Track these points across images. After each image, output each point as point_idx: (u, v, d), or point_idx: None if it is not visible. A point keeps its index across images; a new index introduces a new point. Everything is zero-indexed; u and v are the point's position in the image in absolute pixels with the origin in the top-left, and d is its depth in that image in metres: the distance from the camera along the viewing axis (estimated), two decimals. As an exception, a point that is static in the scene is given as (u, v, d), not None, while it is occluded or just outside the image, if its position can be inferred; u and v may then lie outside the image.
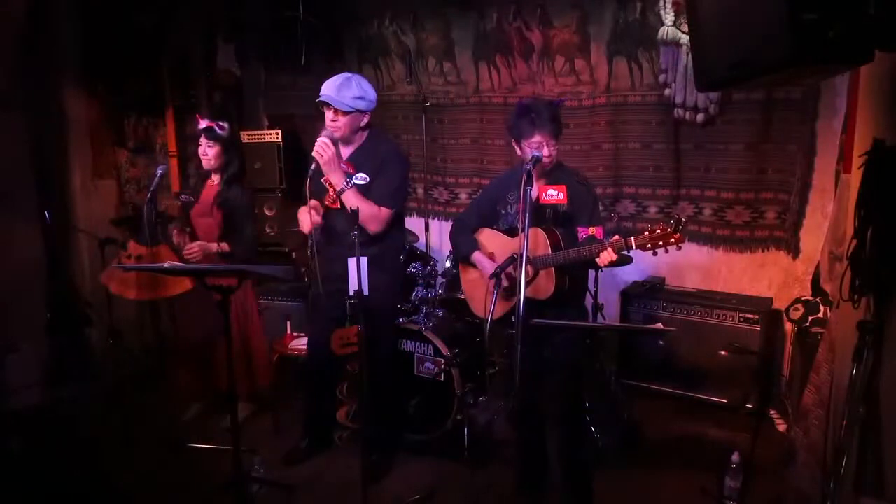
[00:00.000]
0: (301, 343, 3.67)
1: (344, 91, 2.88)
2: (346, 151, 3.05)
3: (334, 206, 3.02)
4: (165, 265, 2.97)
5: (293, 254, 4.67)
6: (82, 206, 4.57)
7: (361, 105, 2.92)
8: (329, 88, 2.90)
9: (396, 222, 3.15)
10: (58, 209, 4.27)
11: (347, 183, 2.91)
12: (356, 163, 3.00)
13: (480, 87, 4.67)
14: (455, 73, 4.72)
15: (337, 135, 2.93)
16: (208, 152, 3.43)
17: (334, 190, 2.96)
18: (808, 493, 2.62)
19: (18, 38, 3.99)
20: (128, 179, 4.88)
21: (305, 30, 4.61)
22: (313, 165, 2.88)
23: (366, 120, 3.00)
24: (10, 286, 3.92)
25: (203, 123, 3.45)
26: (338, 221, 3.04)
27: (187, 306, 3.57)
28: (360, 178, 2.93)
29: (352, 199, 2.88)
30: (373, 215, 2.93)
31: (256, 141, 4.81)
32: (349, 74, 2.96)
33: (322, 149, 2.85)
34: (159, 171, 3.43)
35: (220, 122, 3.47)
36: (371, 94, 2.97)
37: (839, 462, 2.15)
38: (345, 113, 2.90)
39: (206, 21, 5.09)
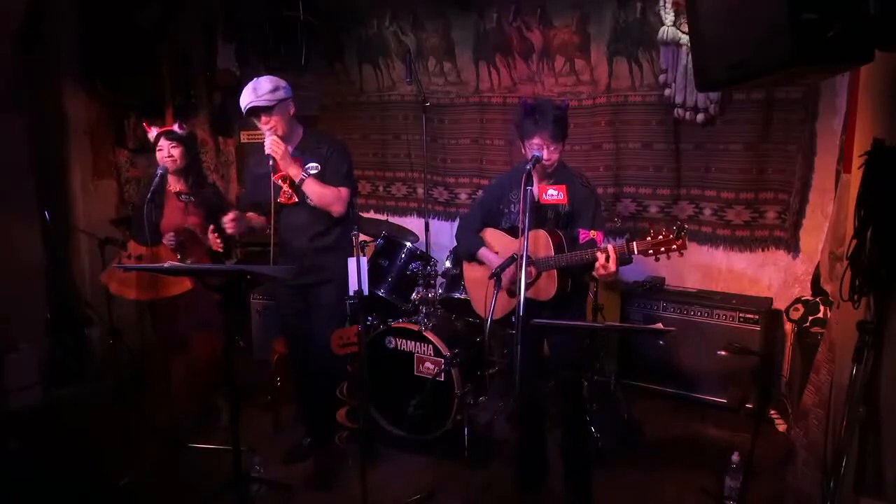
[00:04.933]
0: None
1: (259, 91, 2.93)
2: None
3: (290, 202, 3.08)
4: (165, 265, 2.97)
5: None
6: (82, 206, 4.57)
7: (281, 94, 2.97)
8: (246, 98, 2.94)
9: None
10: (58, 209, 4.27)
11: (306, 173, 3.00)
12: (301, 156, 3.07)
13: (480, 87, 4.67)
14: (455, 73, 4.71)
15: (279, 133, 3.00)
16: (174, 153, 3.40)
17: (288, 185, 3.04)
18: (808, 493, 2.61)
19: (18, 38, 3.99)
20: (128, 179, 4.88)
21: (305, 30, 4.61)
22: (270, 163, 2.95)
23: (292, 109, 3.06)
24: (10, 286, 3.92)
25: (154, 131, 3.44)
26: (296, 216, 3.10)
27: (179, 307, 3.57)
28: (313, 168, 3.04)
29: (313, 187, 3.00)
30: (335, 197, 3.04)
31: (256, 141, 4.79)
32: (255, 78, 3.00)
33: (275, 145, 2.94)
34: (159, 171, 3.43)
35: (180, 123, 3.51)
36: (282, 82, 3.02)
37: (839, 462, 2.15)
38: (271, 109, 2.95)
39: (205, 21, 5.09)
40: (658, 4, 3.81)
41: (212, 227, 3.27)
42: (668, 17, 3.78)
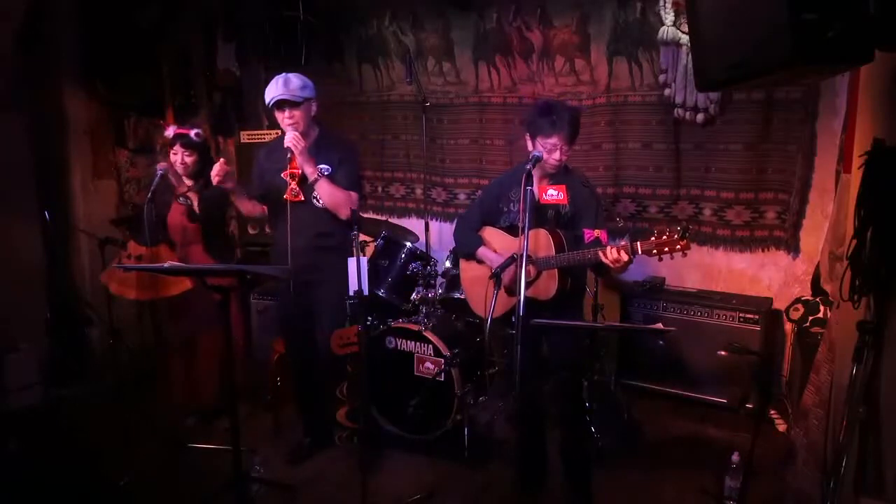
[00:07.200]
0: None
1: (290, 86, 2.98)
2: None
3: (297, 199, 3.05)
4: (165, 265, 2.97)
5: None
6: (82, 206, 4.57)
7: (308, 93, 3.04)
8: (276, 90, 2.97)
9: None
10: (58, 209, 4.26)
11: (320, 173, 3.02)
12: (315, 156, 3.07)
13: (480, 87, 4.66)
14: (455, 73, 4.71)
15: (299, 129, 3.02)
16: (187, 161, 3.45)
17: (297, 183, 3.02)
18: (808, 493, 2.62)
19: (18, 38, 3.99)
20: (128, 179, 4.89)
21: (305, 30, 4.61)
22: (288, 156, 2.97)
23: (315, 108, 3.11)
24: (10, 286, 3.92)
25: (171, 130, 3.46)
26: (301, 214, 3.07)
27: (179, 307, 3.58)
28: (325, 169, 3.06)
29: (325, 188, 3.02)
30: (346, 200, 3.06)
31: (256, 141, 4.81)
32: (282, 74, 3.04)
33: (297, 140, 2.95)
34: (159, 171, 3.43)
35: (196, 130, 3.50)
36: (310, 82, 3.09)
37: (839, 462, 2.15)
38: (298, 105, 2.99)
39: (205, 21, 5.09)
40: (658, 4, 3.81)
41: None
42: (668, 17, 3.78)
